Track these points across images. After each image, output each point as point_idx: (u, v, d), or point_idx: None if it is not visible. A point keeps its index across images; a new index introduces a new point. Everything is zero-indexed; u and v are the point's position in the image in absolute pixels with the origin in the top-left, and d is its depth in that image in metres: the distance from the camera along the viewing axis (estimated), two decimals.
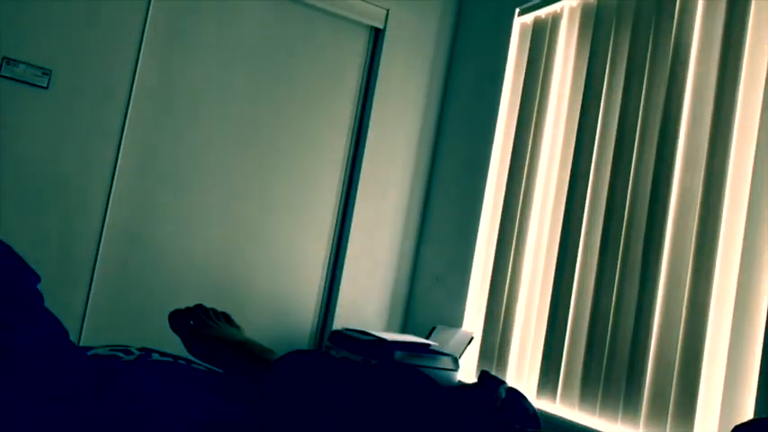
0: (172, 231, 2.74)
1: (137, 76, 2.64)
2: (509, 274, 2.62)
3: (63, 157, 2.54)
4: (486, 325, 2.68)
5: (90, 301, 2.59)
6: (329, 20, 3.01)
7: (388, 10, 3.07)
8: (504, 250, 2.67)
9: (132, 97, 2.64)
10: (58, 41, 2.51)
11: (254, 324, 2.85)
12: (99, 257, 2.60)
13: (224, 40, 2.83)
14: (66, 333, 1.18)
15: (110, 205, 2.61)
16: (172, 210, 2.75)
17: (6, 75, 2.41)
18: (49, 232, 2.52)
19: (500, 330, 2.60)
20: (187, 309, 1.50)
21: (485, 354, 2.66)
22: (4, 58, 2.42)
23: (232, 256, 2.85)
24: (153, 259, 2.71)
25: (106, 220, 2.61)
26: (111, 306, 2.63)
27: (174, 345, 1.52)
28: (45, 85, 2.48)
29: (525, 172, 2.66)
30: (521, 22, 2.87)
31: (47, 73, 2.49)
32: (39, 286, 1.20)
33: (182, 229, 2.76)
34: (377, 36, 3.11)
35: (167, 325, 1.52)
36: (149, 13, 2.66)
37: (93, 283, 2.60)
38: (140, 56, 2.65)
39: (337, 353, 2.54)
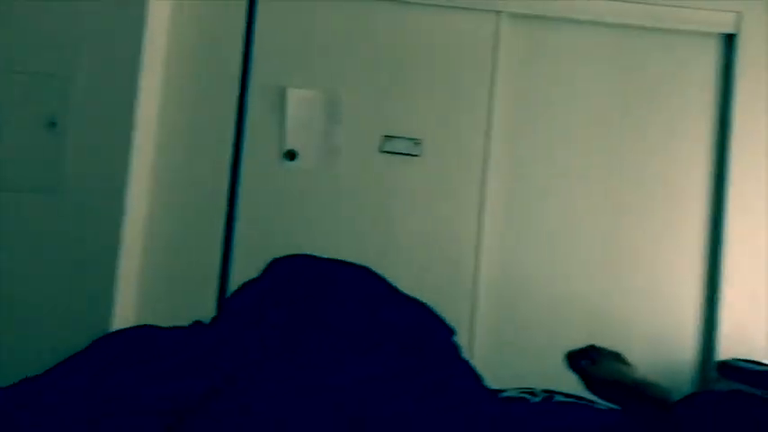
0: (544, 275, 2.87)
1: (492, 131, 2.86)
2: None
3: (433, 214, 2.85)
4: None
5: (475, 348, 2.81)
6: (671, 36, 2.92)
7: (739, 12, 2.86)
8: None
9: (491, 151, 2.86)
10: (426, 115, 2.86)
11: (632, 356, 2.83)
12: (477, 306, 2.83)
13: (570, 82, 2.91)
14: (481, 378, 1.36)
15: (480, 256, 2.84)
16: (539, 255, 2.88)
17: (387, 149, 2.82)
18: (425, 288, 2.81)
19: None
20: (581, 349, 1.58)
21: None
22: (384, 136, 2.83)
23: (602, 290, 2.87)
24: (527, 304, 2.86)
25: (479, 270, 2.84)
26: (492, 350, 2.83)
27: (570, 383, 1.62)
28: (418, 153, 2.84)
29: None
30: None
31: (418, 143, 2.84)
32: (453, 338, 1.40)
33: (551, 272, 2.87)
34: (730, 42, 2.91)
35: (557, 365, 1.62)
36: (496, 85, 2.86)
37: (476, 329, 2.82)
38: (492, 116, 2.86)
39: (728, 386, 2.39)
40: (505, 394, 1.38)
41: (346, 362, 1.14)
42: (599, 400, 1.44)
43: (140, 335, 1.09)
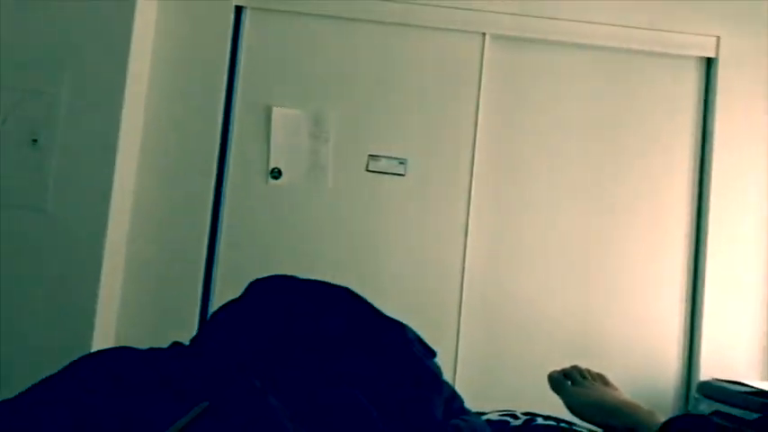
0: (528, 294, 2.88)
1: (476, 151, 2.88)
2: None
3: (418, 233, 2.86)
4: None
5: (458, 367, 2.82)
6: (652, 58, 2.96)
7: (718, 37, 2.92)
8: None
9: (474, 171, 2.87)
10: (411, 135, 2.87)
11: (614, 376, 2.84)
12: (461, 324, 2.83)
13: (553, 103, 2.94)
14: (461, 400, 1.35)
15: (465, 275, 2.85)
16: (524, 274, 2.89)
17: (372, 169, 2.83)
18: (410, 307, 2.81)
19: None
20: (563, 370, 1.58)
21: None
22: (370, 155, 2.84)
23: (587, 308, 2.89)
24: (511, 322, 2.87)
25: (464, 289, 2.84)
26: (478, 368, 2.84)
27: (551, 406, 1.62)
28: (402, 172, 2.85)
29: None
30: None
31: (403, 162, 2.85)
32: (434, 360, 1.39)
33: (536, 290, 2.89)
34: (709, 66, 2.96)
35: (540, 385, 1.63)
36: (480, 105, 2.89)
37: (461, 347, 2.83)
38: (477, 135, 2.89)
39: (709, 406, 2.40)
40: (486, 417, 1.38)
41: (320, 385, 1.13)
42: (582, 423, 1.45)
43: (118, 356, 1.08)
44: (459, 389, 2.72)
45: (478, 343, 2.85)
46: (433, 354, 1.36)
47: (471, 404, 1.61)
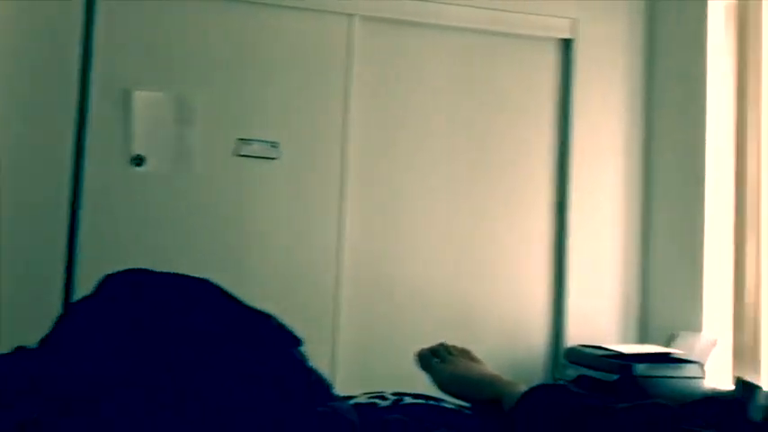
0: (405, 276, 2.91)
1: (348, 133, 2.87)
2: (753, 270, 2.45)
3: (292, 218, 2.83)
4: (735, 327, 2.52)
5: (337, 351, 2.81)
6: (515, 40, 3.06)
7: (575, 19, 3.05)
8: (742, 245, 2.50)
9: (347, 154, 2.87)
10: (283, 117, 2.82)
11: (487, 350, 2.94)
12: (341, 308, 2.83)
13: (421, 85, 2.97)
14: (329, 386, 1.35)
15: (342, 260, 2.84)
16: (400, 257, 2.91)
17: (242, 153, 2.76)
18: (286, 294, 2.77)
19: (750, 332, 2.44)
20: (431, 347, 1.61)
21: (736, 358, 2.50)
22: (239, 139, 2.77)
23: (458, 287, 2.96)
24: (389, 302, 2.89)
25: (340, 274, 2.84)
26: (358, 352, 2.84)
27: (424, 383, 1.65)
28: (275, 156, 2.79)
29: (755, 163, 2.48)
30: (724, 5, 2.69)
31: (275, 146, 2.79)
32: (301, 348, 1.37)
33: (411, 270, 2.93)
34: (567, 47, 3.09)
35: (413, 365, 1.65)
36: (350, 88, 2.88)
37: (339, 333, 2.82)
38: (348, 118, 2.88)
39: (575, 371, 2.54)
40: (354, 401, 1.38)
41: (185, 380, 1.10)
42: (450, 399, 1.48)
43: None
44: (339, 374, 2.75)
45: (357, 327, 2.85)
46: (298, 342, 1.35)
47: (354, 388, 1.61)
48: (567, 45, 3.10)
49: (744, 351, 2.44)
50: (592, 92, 3.06)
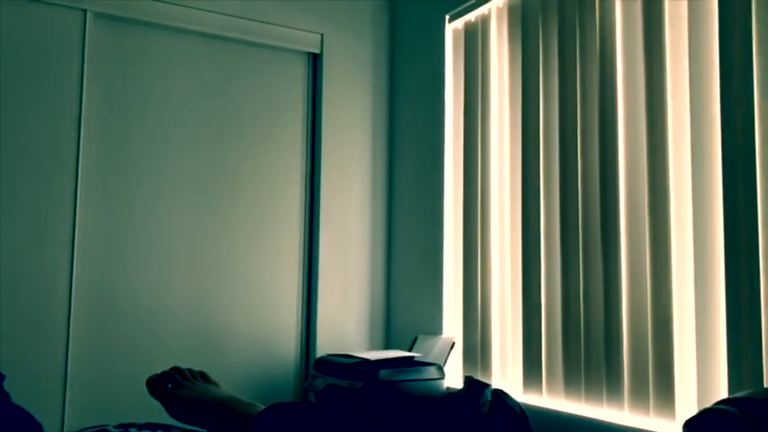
0: (141, 290, 2.73)
1: (81, 136, 2.63)
2: (479, 275, 2.67)
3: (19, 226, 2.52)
4: (465, 329, 2.72)
5: (68, 380, 2.55)
6: (265, 51, 3.04)
7: (322, 34, 3.11)
8: (471, 253, 2.71)
9: (80, 163, 2.63)
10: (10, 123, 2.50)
11: (238, 365, 2.88)
12: (71, 332, 2.57)
13: (164, 91, 2.83)
14: (39, 426, 1.19)
15: (75, 270, 2.59)
16: (137, 269, 2.73)
17: None
18: (17, 329, 2.48)
19: (479, 332, 2.64)
20: (163, 373, 1.51)
21: (468, 357, 2.70)
22: None
23: (206, 303, 2.85)
24: (131, 325, 2.70)
25: (72, 290, 2.59)
26: (91, 379, 2.60)
27: (159, 411, 1.54)
28: None
29: (479, 176, 2.70)
30: (453, 29, 2.91)
31: None
32: (4, 384, 1.20)
33: (151, 287, 2.75)
34: (315, 61, 3.14)
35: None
36: (84, 79, 2.65)
37: (69, 360, 2.56)
38: (82, 124, 2.64)
39: (324, 380, 2.56)
40: None
41: None
42: (181, 425, 1.39)
43: None
44: (71, 405, 2.49)
45: (92, 352, 2.61)
46: (2, 377, 1.17)
47: (88, 420, 1.45)
48: (315, 59, 3.15)
49: (474, 351, 2.65)
50: (340, 106, 3.14)
